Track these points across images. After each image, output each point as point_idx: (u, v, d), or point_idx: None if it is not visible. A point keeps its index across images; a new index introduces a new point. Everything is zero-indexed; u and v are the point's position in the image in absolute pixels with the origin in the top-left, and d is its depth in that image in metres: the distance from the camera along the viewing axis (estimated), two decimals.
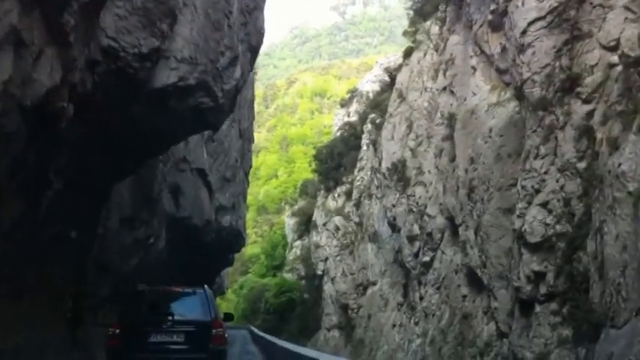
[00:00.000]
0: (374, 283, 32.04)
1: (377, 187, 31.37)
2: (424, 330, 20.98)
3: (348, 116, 51.25)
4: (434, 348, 19.66)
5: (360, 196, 35.87)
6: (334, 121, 58.33)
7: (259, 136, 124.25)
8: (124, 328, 8.58)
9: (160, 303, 9.29)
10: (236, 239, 18.27)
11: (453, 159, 21.07)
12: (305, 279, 48.88)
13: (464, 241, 19.17)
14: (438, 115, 22.99)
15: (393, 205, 24.84)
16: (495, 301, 16.78)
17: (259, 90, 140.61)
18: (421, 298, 22.33)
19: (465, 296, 19.03)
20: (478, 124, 19.32)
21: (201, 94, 10.47)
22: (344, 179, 39.85)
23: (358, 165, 37.30)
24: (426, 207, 23.00)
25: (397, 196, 24.83)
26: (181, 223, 13.56)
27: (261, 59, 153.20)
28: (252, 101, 30.01)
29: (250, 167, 22.94)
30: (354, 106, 52.17)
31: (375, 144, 30.53)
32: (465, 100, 20.97)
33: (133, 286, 10.12)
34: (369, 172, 35.76)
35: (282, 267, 56.90)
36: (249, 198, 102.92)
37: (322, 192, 42.47)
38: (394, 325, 24.95)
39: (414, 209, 23.72)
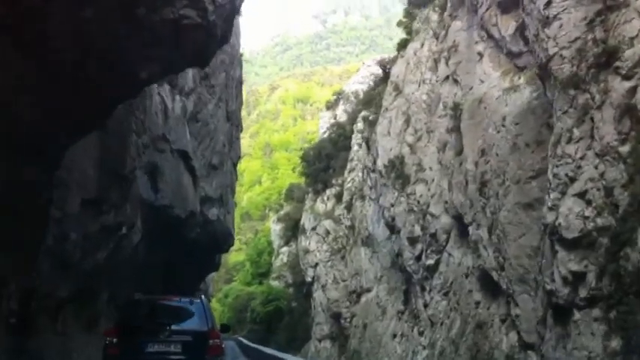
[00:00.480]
0: (368, 290, 29.96)
1: (370, 188, 29.39)
2: (431, 340, 18.94)
3: (335, 119, 49.33)
4: None
5: (351, 199, 33.85)
6: (320, 124, 56.38)
7: (242, 142, 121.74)
8: (122, 337, 8.45)
9: (158, 312, 9.20)
10: (224, 237, 16.13)
11: (459, 152, 19.17)
12: (293, 287, 46.61)
13: (475, 242, 17.21)
14: (440, 106, 21.12)
15: (392, 205, 22.86)
16: (516, 308, 14.82)
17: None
18: (425, 306, 20.31)
19: (478, 303, 17.05)
20: (488, 113, 17.46)
21: (184, 2, 7.67)
22: (333, 181, 37.82)
23: (349, 166, 35.32)
24: (428, 206, 21.05)
25: (396, 195, 22.86)
26: (161, 212, 11.16)
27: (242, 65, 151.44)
28: (240, 83, 27.33)
29: (239, 158, 20.68)
30: (341, 108, 50.38)
31: (368, 142, 28.60)
32: (471, 88, 19.13)
33: (129, 295, 10.14)
34: (360, 173, 33.80)
35: (269, 274, 54.52)
36: None
37: (310, 195, 40.36)
38: (395, 336, 22.89)
39: (415, 209, 21.75)
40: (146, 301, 9.82)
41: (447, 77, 20.92)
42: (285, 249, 52.00)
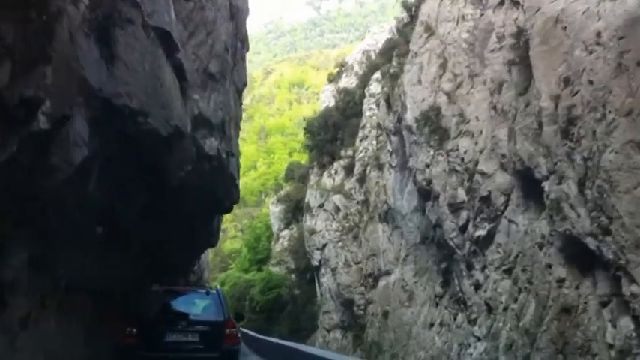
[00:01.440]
0: (388, 273, 25.64)
1: (391, 154, 24.98)
2: (492, 330, 14.61)
3: (338, 91, 44.78)
4: (513, 356, 13.33)
5: (364, 170, 29.44)
6: (322, 98, 51.74)
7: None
8: (141, 327, 8.43)
9: (175, 303, 9.34)
10: (227, 187, 11.78)
11: (524, 90, 14.80)
12: (295, 273, 42.22)
13: (556, 201, 12.86)
14: (493, 39, 16.68)
15: (427, 166, 18.47)
16: (633, 285, 10.53)
17: None
18: (477, 287, 15.98)
19: (561, 280, 12.71)
20: (571, 32, 13.06)
21: None
22: (342, 153, 33.39)
23: (360, 134, 30.90)
24: (476, 163, 16.67)
25: (431, 153, 18.47)
26: (124, 119, 6.31)
27: None
28: None
29: (244, 86, 16.26)
30: (344, 81, 45.85)
31: (388, 99, 24.18)
32: (538, 10, 14.69)
33: (148, 286, 10.24)
34: (374, 141, 29.39)
35: (268, 260, 50.08)
36: None
37: (315, 170, 35.92)
38: (431, 325, 18.58)
39: (459, 168, 17.38)
40: (164, 291, 10.00)
41: (502, 2, 16.49)
42: (285, 232, 47.57)
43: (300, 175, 47.89)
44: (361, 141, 30.50)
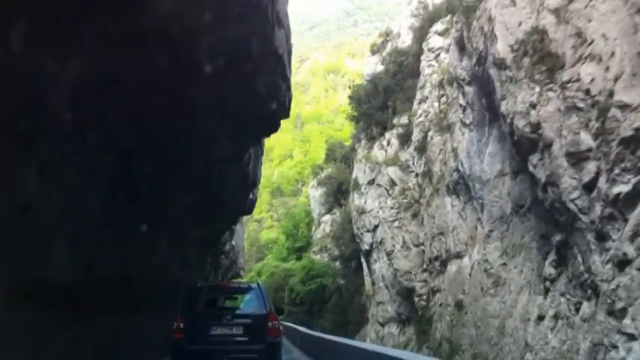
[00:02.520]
0: (459, 255, 20.87)
1: (464, 109, 20.12)
2: None
3: (383, 63, 39.90)
4: None
5: (424, 136, 24.62)
6: (364, 71, 46.81)
7: None
8: (187, 321, 8.72)
9: (219, 298, 9.90)
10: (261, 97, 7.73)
11: None
12: (340, 260, 37.70)
13: None
14: None
15: (532, 106, 13.63)
16: None
17: None
18: (620, 264, 11.11)
19: None
20: None
21: None
22: (395, 121, 28.62)
23: (418, 96, 26.06)
24: (610, 94, 11.74)
25: (537, 90, 13.61)
26: None
27: None
28: None
29: None
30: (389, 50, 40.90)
31: (461, 40, 19.34)
32: None
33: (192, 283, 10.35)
34: (436, 103, 24.57)
35: (308, 248, 45.79)
36: (262, 180, 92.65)
37: (363, 142, 31.26)
38: (540, 318, 13.75)
39: (581, 104, 12.45)
40: (208, 287, 10.59)
41: None
42: (327, 217, 43.13)
43: (342, 156, 43.36)
44: (420, 103, 25.69)
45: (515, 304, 15.62)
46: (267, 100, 7.88)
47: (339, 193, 41.93)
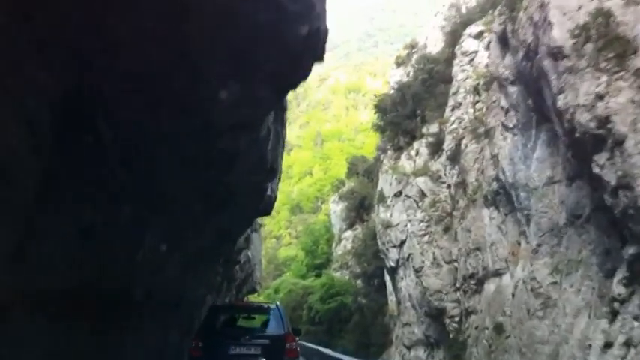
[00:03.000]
0: (498, 273, 18.78)
1: (507, 112, 18.22)
2: None
3: (408, 76, 38.27)
4: None
5: (457, 144, 22.72)
6: (390, 84, 45.25)
7: (291, 133, 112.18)
8: (205, 340, 8.69)
9: (238, 317, 9.87)
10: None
11: None
12: (362, 278, 35.64)
13: None
14: None
15: (599, 98, 11.72)
16: None
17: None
18: None
19: None
20: None
21: None
22: (424, 130, 26.80)
23: (451, 102, 24.23)
24: None
25: (604, 79, 11.72)
26: None
27: None
28: None
29: None
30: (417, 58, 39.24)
31: (504, 34, 17.50)
32: None
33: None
34: (470, 109, 22.75)
35: (328, 265, 43.78)
36: (281, 196, 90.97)
37: (390, 153, 29.44)
38: (608, 345, 11.64)
39: None
40: (227, 307, 11.58)
41: None
42: (348, 233, 41.16)
43: (365, 170, 41.59)
44: (452, 110, 23.86)
45: (572, 329, 13.50)
46: (295, 21, 5.44)
47: (361, 208, 40.07)
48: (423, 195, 24.01)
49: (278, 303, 10.73)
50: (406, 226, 26.02)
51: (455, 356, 20.50)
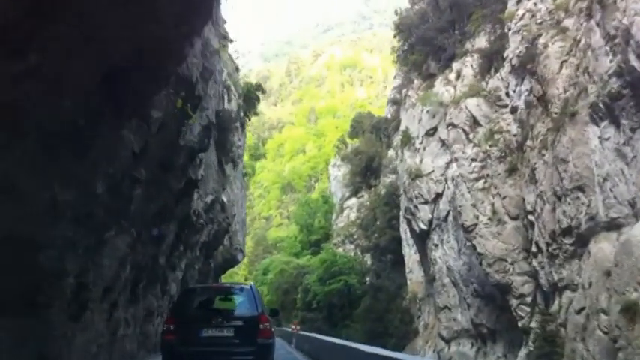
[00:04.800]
0: (617, 224, 11.50)
1: None
2: None
3: None
4: None
5: (530, 46, 15.26)
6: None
7: (282, 110, 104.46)
8: (178, 323, 8.51)
9: (210, 299, 9.43)
10: None
11: None
12: (373, 252, 28.31)
13: None
14: None
15: None
16: None
17: (282, 65, 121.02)
18: None
19: None
20: None
21: None
22: (468, 47, 19.35)
23: None
24: None
25: None
26: None
27: (280, 47, 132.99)
28: None
29: None
30: None
31: None
32: None
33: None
34: None
35: (326, 242, 36.30)
36: (271, 175, 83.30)
37: (416, 83, 21.95)
38: None
39: None
40: (200, 289, 10.65)
41: None
42: (352, 201, 33.76)
43: (373, 126, 34.15)
44: (519, 2, 16.40)
45: None
46: None
47: (367, 171, 32.69)
48: (474, 123, 16.58)
49: (252, 283, 9.99)
50: (443, 174, 18.68)
51: (540, 356, 13.12)
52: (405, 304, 23.52)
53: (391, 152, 31.65)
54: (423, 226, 19.26)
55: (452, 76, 19.48)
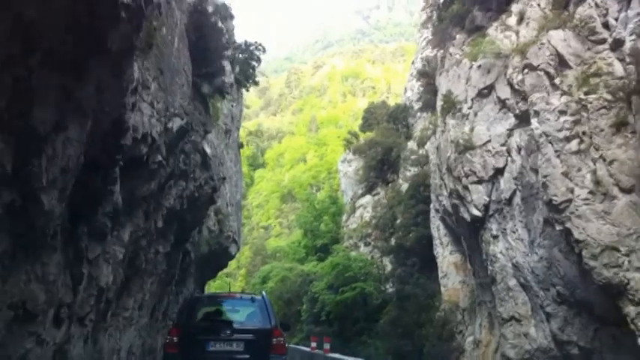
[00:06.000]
0: None
1: None
2: None
3: None
4: None
5: None
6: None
7: (282, 120, 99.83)
8: (182, 335, 7.51)
9: (219, 310, 8.44)
10: None
11: None
12: (395, 255, 23.37)
13: None
14: None
15: None
16: None
17: (282, 76, 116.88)
18: None
19: None
20: None
21: None
22: None
23: None
24: None
25: None
26: None
27: (281, 64, 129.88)
28: None
29: None
30: None
31: None
32: None
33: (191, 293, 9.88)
34: None
35: (335, 246, 31.27)
36: (270, 184, 78.44)
37: (458, 38, 17.20)
38: None
39: None
40: (207, 298, 9.67)
41: None
42: (366, 199, 28.90)
43: (389, 114, 29.55)
44: None
45: None
46: None
47: (384, 165, 27.95)
48: (562, 63, 11.83)
49: (264, 293, 8.61)
50: (505, 143, 13.92)
51: None
52: (440, 316, 18.54)
53: (411, 143, 26.99)
54: (475, 213, 14.41)
55: (511, 20, 14.84)
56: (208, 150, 8.95)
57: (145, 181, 7.14)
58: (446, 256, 19.77)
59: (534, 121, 11.81)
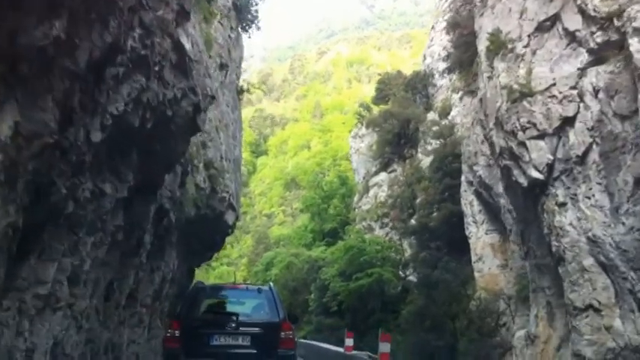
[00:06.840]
0: None
1: None
2: None
3: None
4: None
5: None
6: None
7: (286, 106, 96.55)
8: (184, 328, 7.06)
9: (223, 302, 8.00)
10: None
11: None
12: (416, 236, 20.30)
13: None
14: None
15: None
16: None
17: (285, 64, 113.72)
18: None
19: None
20: None
21: None
22: None
23: None
24: None
25: None
26: None
27: (283, 52, 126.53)
28: None
29: None
30: None
31: None
32: None
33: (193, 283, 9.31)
34: None
35: (346, 228, 28.20)
36: (273, 172, 75.40)
37: None
38: None
39: None
40: (210, 289, 8.86)
41: None
42: (382, 177, 25.83)
43: (407, 84, 26.38)
44: None
45: None
46: None
47: (401, 139, 24.85)
48: None
49: (272, 284, 8.16)
50: (575, 85, 10.82)
51: None
52: (476, 307, 15.49)
53: (432, 115, 23.91)
54: (535, 175, 11.33)
55: None
56: (187, 45, 5.93)
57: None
58: (480, 236, 16.74)
59: (634, 42, 8.69)
